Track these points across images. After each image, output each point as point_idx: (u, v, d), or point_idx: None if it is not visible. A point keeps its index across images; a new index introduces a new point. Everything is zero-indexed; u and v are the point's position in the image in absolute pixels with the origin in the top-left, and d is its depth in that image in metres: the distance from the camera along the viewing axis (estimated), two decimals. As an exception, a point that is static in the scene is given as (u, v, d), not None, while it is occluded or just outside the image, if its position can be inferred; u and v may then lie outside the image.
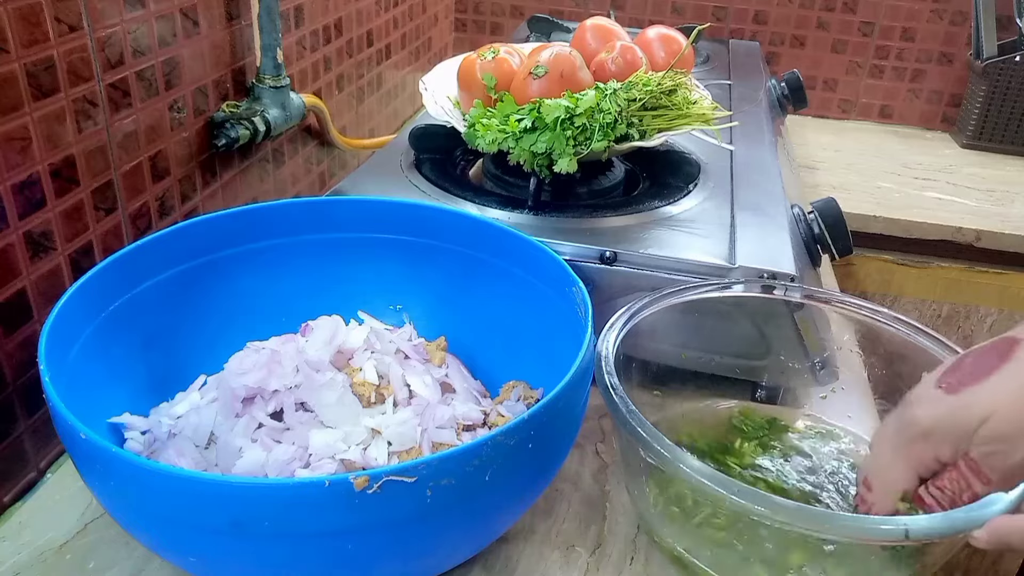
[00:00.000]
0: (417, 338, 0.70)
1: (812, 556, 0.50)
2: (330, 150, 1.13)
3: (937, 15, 1.58)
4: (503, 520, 0.54)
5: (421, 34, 1.48)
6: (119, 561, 0.56)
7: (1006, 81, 1.49)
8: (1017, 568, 1.38)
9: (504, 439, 0.45)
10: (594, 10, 1.67)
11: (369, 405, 0.61)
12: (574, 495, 0.64)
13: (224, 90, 0.84)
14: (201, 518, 0.42)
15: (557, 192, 0.81)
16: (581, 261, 0.71)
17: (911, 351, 0.62)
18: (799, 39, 1.64)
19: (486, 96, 0.83)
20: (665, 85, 0.80)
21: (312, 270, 0.70)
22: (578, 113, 0.75)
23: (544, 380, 0.64)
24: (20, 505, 0.62)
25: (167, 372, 0.63)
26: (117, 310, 0.59)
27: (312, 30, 1.02)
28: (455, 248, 0.69)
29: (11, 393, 0.61)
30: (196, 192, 0.82)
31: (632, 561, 0.58)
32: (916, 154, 1.55)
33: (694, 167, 0.89)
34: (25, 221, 0.59)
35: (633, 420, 0.50)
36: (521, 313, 0.66)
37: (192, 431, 0.58)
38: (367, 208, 0.70)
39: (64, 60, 0.61)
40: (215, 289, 0.66)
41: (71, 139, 0.63)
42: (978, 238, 1.26)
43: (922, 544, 0.48)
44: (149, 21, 0.70)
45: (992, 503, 0.45)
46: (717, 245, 0.73)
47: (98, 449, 0.43)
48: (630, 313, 0.61)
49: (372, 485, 0.41)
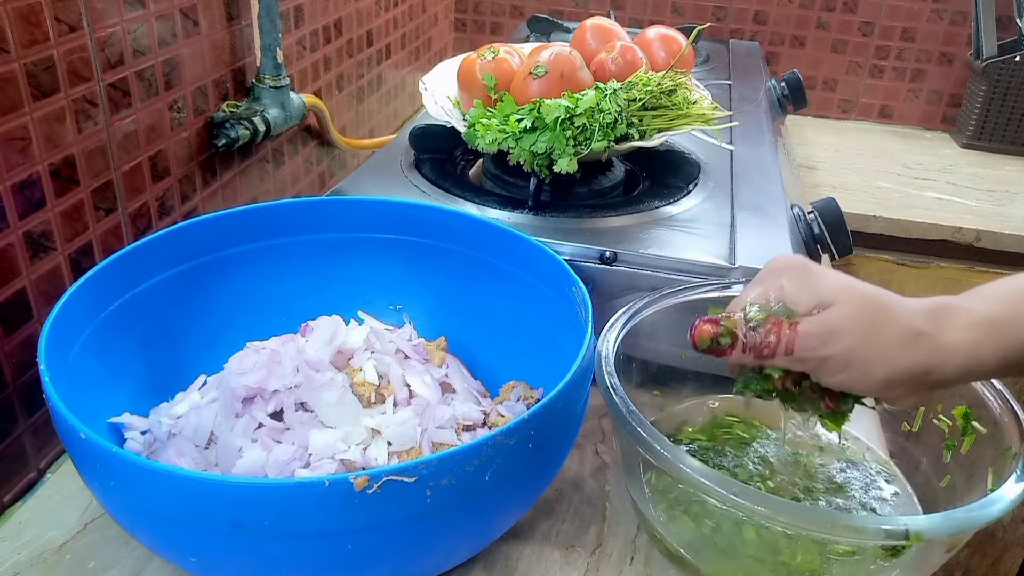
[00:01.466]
0: (417, 338, 0.70)
1: (813, 556, 0.50)
2: (330, 150, 1.13)
3: (937, 15, 1.58)
4: (503, 520, 0.54)
5: (421, 34, 1.48)
6: (119, 561, 0.56)
7: (1006, 81, 1.49)
8: (1017, 568, 1.38)
9: (504, 439, 0.45)
10: (594, 10, 1.67)
11: (369, 405, 0.61)
12: (574, 495, 0.64)
13: (224, 90, 0.84)
14: (201, 518, 0.42)
15: (557, 192, 0.81)
16: (581, 261, 0.71)
17: (911, 351, 0.62)
18: (799, 39, 1.64)
19: (486, 96, 0.83)
20: (665, 85, 0.80)
21: (312, 270, 0.70)
22: (578, 113, 0.75)
23: (544, 380, 0.64)
24: (20, 505, 0.62)
25: (167, 372, 0.63)
26: (117, 310, 0.59)
27: (312, 30, 1.02)
28: (455, 248, 0.69)
29: (11, 393, 0.61)
30: (196, 192, 0.82)
31: (632, 561, 0.58)
32: (916, 154, 1.55)
33: (694, 167, 0.89)
34: (25, 221, 0.59)
35: (633, 420, 0.50)
36: (521, 313, 0.66)
37: (192, 431, 0.58)
38: (367, 208, 0.70)
39: (64, 60, 0.61)
40: (215, 289, 0.66)
41: (71, 139, 0.63)
42: (978, 238, 1.26)
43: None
44: (149, 21, 0.70)
45: (992, 503, 0.45)
46: (717, 245, 0.73)
47: (98, 449, 0.43)
48: (630, 313, 0.61)
49: (372, 485, 0.41)
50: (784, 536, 0.51)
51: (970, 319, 0.47)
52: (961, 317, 0.47)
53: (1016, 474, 0.48)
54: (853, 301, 0.48)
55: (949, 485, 0.58)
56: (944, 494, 0.58)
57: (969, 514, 0.45)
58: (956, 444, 0.58)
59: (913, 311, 0.48)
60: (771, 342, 0.48)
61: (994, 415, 0.55)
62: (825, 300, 0.48)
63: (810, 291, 0.49)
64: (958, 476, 0.57)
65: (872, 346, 0.47)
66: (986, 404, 0.56)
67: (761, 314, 0.49)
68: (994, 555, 1.38)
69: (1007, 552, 1.37)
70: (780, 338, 0.48)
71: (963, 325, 0.47)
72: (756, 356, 0.50)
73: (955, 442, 0.58)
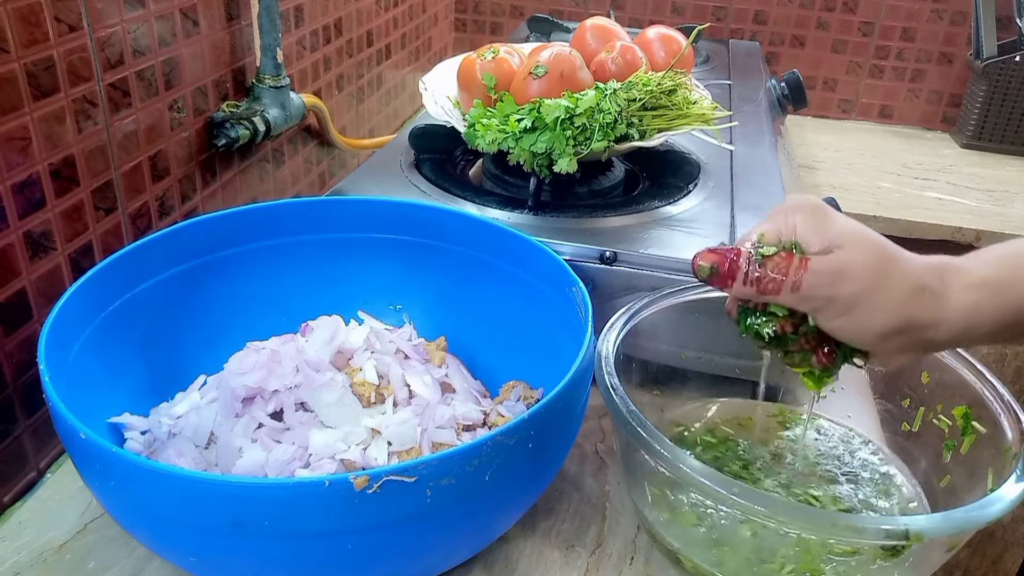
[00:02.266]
0: (417, 338, 0.70)
1: (813, 556, 0.50)
2: (330, 150, 1.13)
3: (937, 15, 1.58)
4: (503, 520, 0.54)
5: (421, 34, 1.48)
6: (119, 561, 0.56)
7: (1006, 81, 1.49)
8: (1017, 568, 1.38)
9: (504, 439, 0.45)
10: (594, 10, 1.67)
11: (369, 405, 0.61)
12: (574, 495, 0.64)
13: (224, 90, 0.84)
14: (201, 518, 0.42)
15: (557, 192, 0.81)
16: (581, 261, 0.71)
17: (911, 351, 0.62)
18: (799, 39, 1.64)
19: (486, 96, 0.83)
20: (665, 85, 0.80)
21: (312, 270, 0.70)
22: (578, 113, 0.75)
23: (544, 380, 0.64)
24: (20, 505, 0.62)
25: (167, 372, 0.63)
26: (117, 310, 0.59)
27: (312, 30, 1.02)
28: (455, 248, 0.69)
29: (11, 393, 0.61)
30: (196, 192, 0.82)
31: (632, 561, 0.58)
32: (916, 154, 1.55)
33: (694, 167, 0.89)
34: (25, 221, 0.59)
35: (633, 420, 0.50)
36: (521, 313, 0.66)
37: (192, 431, 0.58)
38: (367, 208, 0.70)
39: (64, 60, 0.61)
40: (215, 289, 0.66)
41: (71, 139, 0.63)
42: (978, 238, 1.26)
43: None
44: (149, 21, 0.70)
45: (992, 503, 0.45)
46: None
47: (98, 449, 0.43)
48: (630, 313, 0.61)
49: (372, 485, 0.41)
50: (784, 536, 0.51)
51: (970, 280, 0.48)
52: (962, 278, 0.48)
53: (1016, 474, 0.48)
54: (865, 247, 0.48)
55: (949, 485, 0.58)
56: (944, 494, 0.58)
57: (969, 514, 0.45)
58: (956, 444, 0.58)
59: (920, 265, 0.48)
60: (778, 277, 0.48)
61: (994, 415, 0.55)
62: (837, 242, 0.48)
63: (823, 232, 0.48)
64: (958, 476, 0.57)
65: (879, 293, 0.47)
66: (986, 404, 0.56)
67: (770, 249, 0.49)
68: (994, 555, 1.38)
69: (1007, 552, 1.37)
70: (788, 274, 0.48)
71: (963, 286, 0.47)
72: (759, 291, 0.49)
73: (955, 442, 0.58)
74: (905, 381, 0.63)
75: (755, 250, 0.49)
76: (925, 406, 0.61)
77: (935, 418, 0.60)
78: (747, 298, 0.51)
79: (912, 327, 0.47)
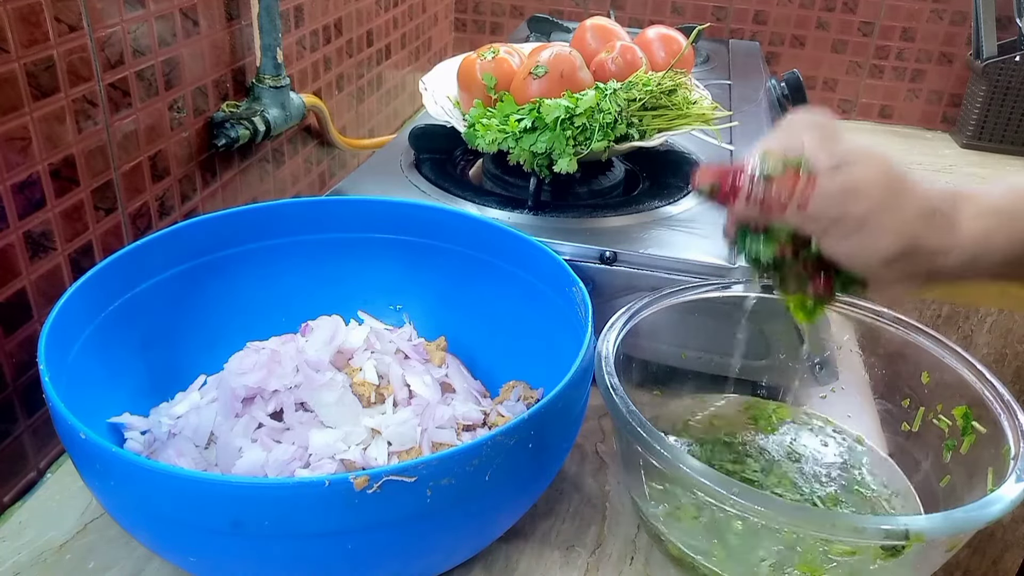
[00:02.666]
0: (417, 338, 0.70)
1: (813, 556, 0.50)
2: (330, 150, 1.13)
3: (937, 15, 1.58)
4: (503, 520, 0.54)
5: (421, 34, 1.48)
6: (119, 561, 0.56)
7: (1006, 81, 1.49)
8: (1017, 568, 1.37)
9: (504, 439, 0.45)
10: (594, 10, 1.67)
11: (369, 405, 0.61)
12: (574, 495, 0.64)
13: (224, 90, 0.84)
14: (201, 518, 0.42)
15: (557, 192, 0.81)
16: (581, 261, 0.71)
17: (911, 351, 0.62)
18: (799, 39, 1.64)
19: (486, 96, 0.83)
20: (665, 85, 0.80)
21: (312, 270, 0.70)
22: (578, 113, 0.75)
23: (544, 380, 0.64)
24: (20, 505, 0.62)
25: (167, 372, 0.63)
26: (117, 310, 0.59)
27: (312, 30, 1.02)
28: (455, 248, 0.69)
29: (11, 393, 0.61)
30: (196, 192, 0.82)
31: (632, 561, 0.58)
32: (916, 154, 1.54)
33: (694, 167, 0.89)
34: (25, 221, 0.59)
35: (633, 420, 0.50)
36: (521, 313, 0.66)
37: (192, 431, 0.58)
38: (367, 208, 0.70)
39: (64, 60, 0.61)
40: (215, 289, 0.66)
41: (71, 139, 0.63)
42: (978, 238, 1.26)
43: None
44: (149, 21, 0.70)
45: (992, 503, 0.45)
46: (717, 245, 0.73)
47: (98, 449, 0.43)
48: (630, 313, 0.61)
49: (372, 485, 0.41)
50: (784, 536, 0.51)
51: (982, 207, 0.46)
52: (975, 204, 0.46)
53: (1016, 474, 0.48)
54: (876, 165, 0.46)
55: (949, 485, 0.58)
56: (944, 494, 0.58)
57: (969, 514, 0.45)
58: (956, 444, 0.58)
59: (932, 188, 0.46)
60: (783, 195, 0.46)
61: (994, 415, 0.55)
62: (846, 159, 0.46)
63: (831, 149, 0.46)
64: (958, 476, 0.57)
65: (889, 213, 0.45)
66: (986, 404, 0.56)
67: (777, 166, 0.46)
68: (994, 555, 1.38)
69: (1007, 552, 1.37)
70: (794, 192, 0.45)
71: (975, 212, 0.46)
72: (763, 210, 0.47)
73: (955, 442, 0.58)
74: (905, 381, 0.63)
75: (760, 167, 0.47)
76: (925, 406, 0.61)
77: (935, 418, 0.60)
78: (749, 218, 0.48)
79: (919, 251, 0.45)
